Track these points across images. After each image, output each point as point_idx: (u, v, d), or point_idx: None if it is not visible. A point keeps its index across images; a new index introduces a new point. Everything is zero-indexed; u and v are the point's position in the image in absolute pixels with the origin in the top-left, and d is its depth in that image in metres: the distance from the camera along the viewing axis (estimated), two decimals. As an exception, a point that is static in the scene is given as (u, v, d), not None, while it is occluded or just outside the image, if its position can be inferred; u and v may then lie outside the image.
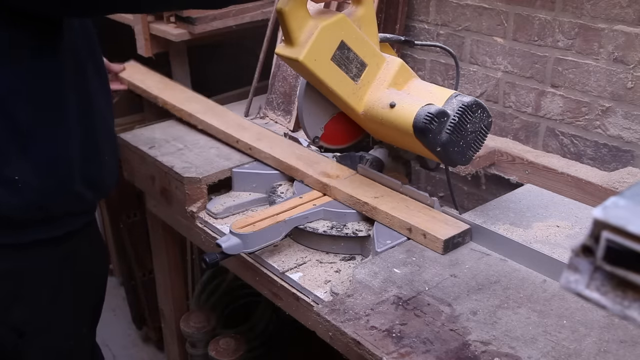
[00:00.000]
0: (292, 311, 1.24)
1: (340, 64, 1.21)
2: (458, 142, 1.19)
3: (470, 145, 1.21)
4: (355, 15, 1.23)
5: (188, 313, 1.90)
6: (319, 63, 1.18)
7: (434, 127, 1.15)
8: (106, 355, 2.50)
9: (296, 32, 1.16)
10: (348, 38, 1.20)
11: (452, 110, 1.17)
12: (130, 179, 1.76)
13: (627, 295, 0.51)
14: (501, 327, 0.98)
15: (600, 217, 0.50)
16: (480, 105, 1.20)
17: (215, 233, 1.41)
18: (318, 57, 1.17)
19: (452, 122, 1.17)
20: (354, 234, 1.27)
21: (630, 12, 1.40)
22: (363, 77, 1.24)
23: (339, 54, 1.20)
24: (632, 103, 1.45)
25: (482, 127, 1.21)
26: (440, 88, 1.25)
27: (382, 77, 1.26)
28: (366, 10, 1.24)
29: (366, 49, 1.23)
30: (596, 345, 0.94)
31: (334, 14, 1.20)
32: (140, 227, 2.38)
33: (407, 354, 0.93)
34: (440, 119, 1.15)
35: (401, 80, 1.26)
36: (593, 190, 1.42)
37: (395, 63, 1.26)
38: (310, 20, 1.17)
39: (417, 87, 1.26)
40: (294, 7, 1.13)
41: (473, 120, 1.19)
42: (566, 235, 1.24)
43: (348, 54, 1.21)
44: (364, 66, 1.24)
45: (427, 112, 1.15)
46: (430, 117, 1.14)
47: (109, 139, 1.28)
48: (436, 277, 1.10)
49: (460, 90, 1.81)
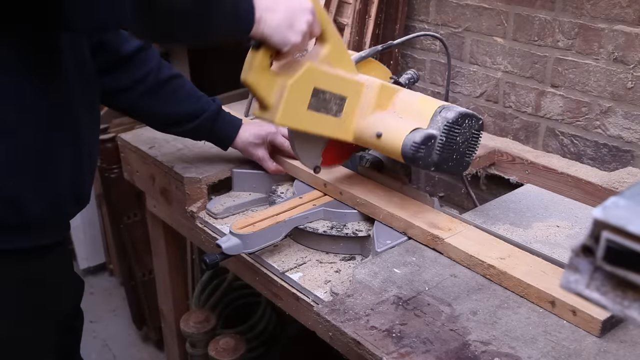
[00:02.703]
0: (292, 311, 1.24)
1: (318, 109, 1.17)
2: (451, 156, 1.17)
3: (465, 153, 1.20)
4: (322, 55, 1.17)
5: (188, 313, 1.90)
6: (296, 117, 1.15)
7: (422, 153, 1.13)
8: (106, 355, 2.52)
9: (266, 97, 1.12)
10: (320, 82, 1.15)
11: (438, 130, 1.14)
12: (130, 179, 1.76)
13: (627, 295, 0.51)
14: (501, 327, 0.98)
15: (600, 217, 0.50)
16: (465, 116, 1.16)
17: (215, 233, 1.41)
18: (294, 113, 1.14)
19: (440, 142, 1.14)
20: (354, 234, 1.27)
21: (630, 12, 1.40)
22: (345, 109, 1.20)
23: (314, 101, 1.15)
24: (632, 103, 1.45)
25: (473, 132, 1.19)
26: (425, 101, 1.20)
27: (365, 103, 1.22)
28: (333, 45, 1.17)
29: (342, 83, 1.19)
30: (596, 345, 0.94)
31: (300, 65, 1.14)
32: (140, 227, 2.38)
33: (407, 354, 0.93)
34: (427, 144, 1.13)
35: (384, 100, 1.22)
36: (593, 190, 1.42)
37: (374, 86, 1.22)
38: (278, 78, 1.12)
39: (402, 104, 1.22)
40: (257, 75, 1.10)
41: (462, 131, 1.17)
42: (566, 235, 1.24)
43: (324, 96, 1.17)
44: (344, 99, 1.20)
45: (413, 142, 1.12)
46: (416, 146, 1.12)
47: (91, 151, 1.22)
48: (436, 277, 1.10)
49: (459, 90, 1.81)
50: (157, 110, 1.41)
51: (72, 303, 1.34)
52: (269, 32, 1.05)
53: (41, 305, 1.17)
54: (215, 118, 1.43)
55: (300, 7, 1.07)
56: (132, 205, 2.40)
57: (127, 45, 1.35)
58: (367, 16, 1.82)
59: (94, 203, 2.76)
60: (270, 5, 1.04)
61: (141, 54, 1.37)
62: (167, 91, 1.39)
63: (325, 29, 1.15)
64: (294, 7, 1.06)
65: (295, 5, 1.07)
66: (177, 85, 1.41)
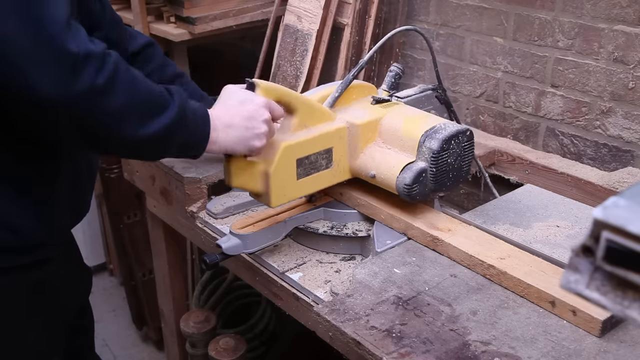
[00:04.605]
0: (292, 311, 1.24)
1: (308, 173, 1.18)
2: (447, 177, 1.19)
3: (461, 166, 1.21)
4: (293, 124, 1.16)
5: (188, 313, 1.90)
6: (290, 192, 1.17)
7: (417, 190, 1.16)
8: (106, 355, 2.52)
9: (255, 189, 1.15)
10: (300, 152, 1.16)
11: (426, 162, 1.16)
12: (130, 179, 1.76)
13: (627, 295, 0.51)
14: (501, 327, 0.98)
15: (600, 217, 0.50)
16: (450, 139, 1.16)
17: (215, 233, 1.40)
18: (286, 191, 1.15)
19: (432, 173, 1.16)
20: (354, 234, 1.27)
21: (630, 12, 1.40)
22: (334, 157, 1.22)
23: (301, 169, 1.17)
24: (632, 103, 1.45)
25: (464, 146, 1.20)
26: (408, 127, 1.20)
27: (352, 144, 1.23)
28: (301, 110, 1.16)
29: (323, 140, 1.19)
30: (596, 345, 0.94)
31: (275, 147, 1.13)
32: (140, 227, 2.38)
33: (407, 354, 0.93)
34: (419, 180, 1.16)
35: (370, 135, 1.23)
36: (593, 190, 1.42)
37: (355, 127, 1.22)
38: (258, 166, 1.13)
39: (388, 134, 1.22)
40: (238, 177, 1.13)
41: (450, 153, 1.18)
42: (566, 235, 1.24)
43: (309, 160, 1.18)
44: (330, 151, 1.21)
45: (404, 184, 1.15)
46: (408, 187, 1.15)
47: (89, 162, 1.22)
48: (436, 277, 1.10)
49: (459, 90, 1.81)
50: None
51: (80, 299, 1.35)
52: (231, 146, 1.09)
53: (47, 309, 1.17)
54: None
55: (254, 112, 1.09)
56: (132, 205, 2.40)
57: (134, 43, 1.35)
58: (367, 16, 1.82)
59: (94, 203, 2.76)
60: (227, 122, 1.08)
61: (147, 51, 1.37)
62: None
63: (288, 102, 1.15)
64: (248, 115, 1.09)
65: (249, 112, 1.09)
66: (180, 84, 1.41)
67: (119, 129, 0.96)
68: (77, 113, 0.91)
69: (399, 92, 1.35)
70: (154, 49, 1.39)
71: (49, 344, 1.21)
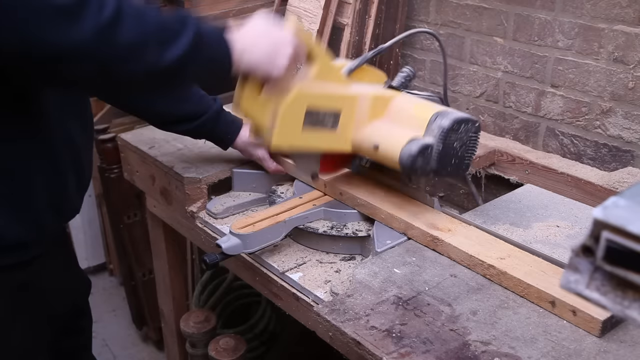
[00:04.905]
0: (292, 311, 1.24)
1: (314, 126, 1.18)
2: (449, 162, 1.17)
3: (464, 156, 1.20)
4: (312, 75, 1.17)
5: (188, 313, 1.90)
6: (292, 138, 1.16)
7: (420, 163, 1.13)
8: (106, 356, 2.52)
9: (260, 123, 1.14)
10: (312, 102, 1.16)
11: (434, 138, 1.14)
12: (130, 179, 1.76)
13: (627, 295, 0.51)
14: (501, 327, 0.98)
15: (600, 217, 0.50)
16: (461, 121, 1.16)
17: (215, 233, 1.41)
18: (288, 135, 1.15)
19: (437, 150, 1.14)
20: (354, 234, 1.27)
21: (630, 12, 1.40)
22: (341, 122, 1.21)
23: (308, 120, 1.16)
24: (632, 103, 1.45)
25: (471, 135, 1.19)
26: (420, 107, 1.20)
27: (360, 114, 1.22)
28: (321, 63, 1.18)
29: (334, 99, 1.19)
30: (596, 345, 0.94)
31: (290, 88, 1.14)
32: (140, 227, 2.38)
33: (407, 354, 0.93)
34: (424, 154, 1.13)
35: (379, 110, 1.23)
36: (593, 190, 1.42)
37: (367, 97, 1.22)
38: (269, 103, 1.13)
39: (397, 112, 1.22)
40: (248, 103, 1.12)
41: (458, 137, 1.17)
42: (566, 235, 1.24)
43: (317, 114, 1.17)
44: (338, 114, 1.20)
45: (409, 153, 1.13)
46: (413, 157, 1.12)
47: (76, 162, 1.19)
48: (436, 277, 1.10)
49: (459, 90, 1.81)
50: (159, 109, 1.41)
51: (72, 303, 1.34)
52: (252, 67, 1.07)
53: (31, 308, 1.16)
54: (216, 118, 1.43)
55: (281, 42, 1.08)
56: (132, 205, 2.40)
57: None
58: (367, 16, 1.82)
59: (94, 203, 2.76)
60: (252, 42, 1.06)
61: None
62: None
63: (311, 50, 1.15)
64: (275, 42, 1.08)
65: (276, 40, 1.08)
66: None
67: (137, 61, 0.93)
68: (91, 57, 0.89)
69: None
70: None
71: (34, 342, 1.20)
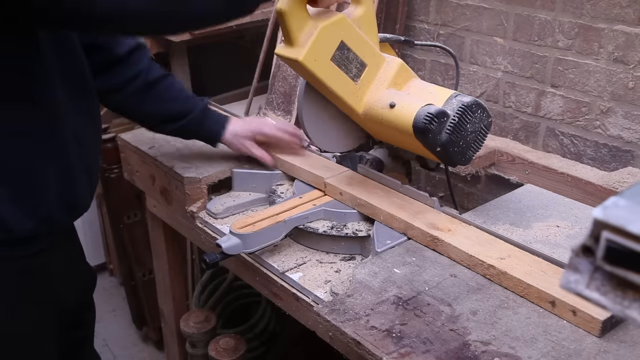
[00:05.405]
0: (292, 311, 1.24)
1: (340, 64, 1.20)
2: (458, 142, 1.19)
3: (470, 145, 1.21)
4: (354, 16, 1.23)
5: (188, 313, 1.90)
6: (318, 63, 1.18)
7: (433, 127, 1.15)
8: (106, 355, 2.52)
9: (296, 32, 1.16)
10: (348, 38, 1.20)
11: (452, 110, 1.17)
12: (130, 179, 1.76)
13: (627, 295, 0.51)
14: (501, 327, 0.98)
15: (600, 217, 0.50)
16: (480, 105, 1.20)
17: (215, 233, 1.41)
18: (318, 58, 1.17)
19: (452, 122, 1.16)
20: (354, 234, 1.27)
21: (630, 12, 1.40)
22: (363, 77, 1.24)
23: (338, 55, 1.19)
24: (632, 103, 1.45)
25: (482, 127, 1.21)
26: (440, 88, 1.24)
27: (382, 77, 1.25)
28: (366, 10, 1.24)
29: (366, 49, 1.23)
30: (596, 345, 0.94)
31: (333, 14, 1.19)
32: (140, 227, 2.38)
33: (407, 354, 0.93)
34: (440, 119, 1.15)
35: (401, 81, 1.26)
36: (593, 190, 1.42)
37: (395, 63, 1.26)
38: (310, 20, 1.16)
39: (417, 87, 1.26)
40: (294, 7, 1.14)
41: (473, 120, 1.19)
42: (566, 235, 1.24)
43: (348, 54, 1.21)
44: (364, 66, 1.23)
45: (427, 112, 1.14)
46: (430, 117, 1.14)
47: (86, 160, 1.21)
48: (436, 277, 1.10)
49: (460, 90, 1.81)
50: (146, 109, 1.43)
51: (78, 295, 1.35)
52: None
53: (40, 297, 1.19)
54: (202, 116, 1.45)
55: None
56: (132, 205, 2.40)
57: (121, 46, 1.37)
58: (367, 16, 1.82)
59: (94, 203, 2.76)
60: None
61: (134, 55, 1.39)
62: (156, 91, 1.41)
63: None
64: None
65: None
66: (166, 85, 1.43)
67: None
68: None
69: None
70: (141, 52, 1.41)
71: (43, 332, 1.22)
